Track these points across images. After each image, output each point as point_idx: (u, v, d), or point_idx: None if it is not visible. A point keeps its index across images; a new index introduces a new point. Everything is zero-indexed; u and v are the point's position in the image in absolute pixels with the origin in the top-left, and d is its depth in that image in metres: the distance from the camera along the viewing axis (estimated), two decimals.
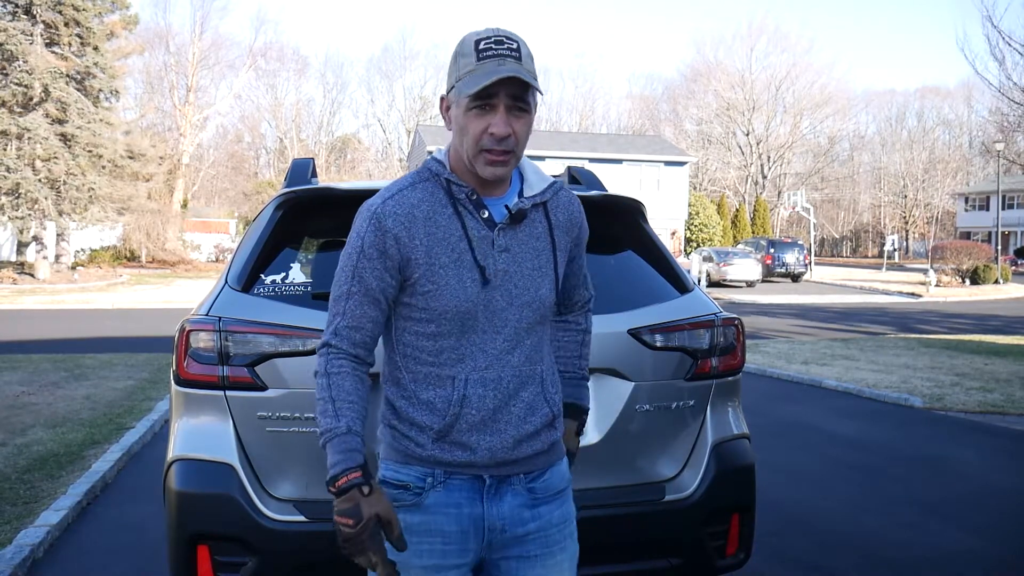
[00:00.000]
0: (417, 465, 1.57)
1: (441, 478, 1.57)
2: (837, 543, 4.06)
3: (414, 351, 1.57)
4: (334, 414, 1.49)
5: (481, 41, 1.50)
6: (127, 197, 27.46)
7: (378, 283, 1.54)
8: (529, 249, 1.60)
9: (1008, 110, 25.04)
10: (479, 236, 1.55)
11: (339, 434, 1.47)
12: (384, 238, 1.53)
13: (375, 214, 1.54)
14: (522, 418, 1.58)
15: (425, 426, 1.55)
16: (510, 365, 1.58)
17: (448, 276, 1.53)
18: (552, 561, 1.63)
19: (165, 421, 6.42)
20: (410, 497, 1.56)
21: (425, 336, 1.56)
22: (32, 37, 24.24)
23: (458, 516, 1.56)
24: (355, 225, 1.58)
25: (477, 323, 1.55)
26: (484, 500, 1.58)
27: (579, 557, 1.72)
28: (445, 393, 1.55)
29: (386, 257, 1.53)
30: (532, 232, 1.62)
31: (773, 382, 9.10)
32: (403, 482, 1.57)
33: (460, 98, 1.51)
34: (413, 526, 1.55)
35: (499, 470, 1.58)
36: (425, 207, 1.55)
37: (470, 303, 1.53)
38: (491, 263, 1.55)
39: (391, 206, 1.54)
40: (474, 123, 1.51)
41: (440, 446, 1.56)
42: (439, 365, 1.56)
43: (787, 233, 58.59)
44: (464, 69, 1.51)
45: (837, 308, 20.82)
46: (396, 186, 1.59)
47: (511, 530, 1.59)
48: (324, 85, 66.87)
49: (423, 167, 1.62)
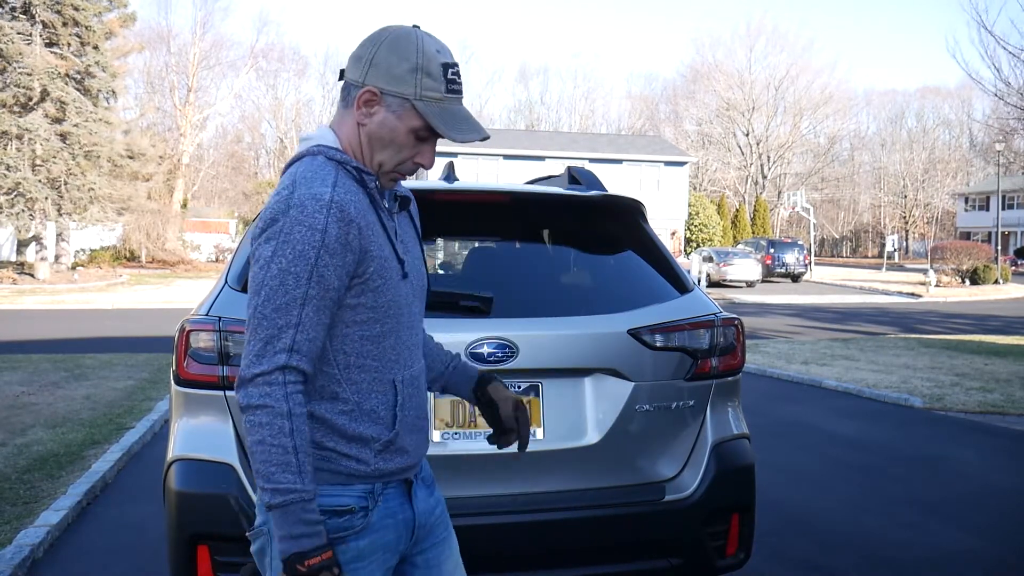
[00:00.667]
0: (358, 484, 1.46)
1: (380, 491, 1.48)
2: (837, 543, 4.06)
3: (359, 358, 1.45)
4: (297, 470, 1.32)
5: (448, 68, 1.44)
6: (127, 197, 27.46)
7: (339, 282, 1.39)
8: (410, 237, 1.60)
9: (1006, 112, 25.05)
10: (389, 227, 1.50)
11: (305, 499, 1.33)
12: (349, 228, 1.38)
13: (333, 202, 1.37)
14: (426, 409, 1.59)
15: (371, 439, 1.45)
16: (418, 358, 1.57)
17: (391, 269, 1.46)
18: (452, 539, 1.66)
19: (165, 421, 6.42)
20: (359, 521, 1.45)
21: (371, 339, 1.45)
22: (31, 37, 24.23)
23: (395, 524, 1.51)
24: (298, 219, 1.36)
25: (403, 318, 1.50)
26: (411, 501, 1.56)
27: (579, 557, 1.73)
28: (387, 399, 1.47)
29: (350, 251, 1.39)
30: (405, 220, 1.60)
31: (773, 382, 9.10)
32: (346, 506, 1.44)
33: (410, 115, 1.44)
34: (363, 550, 1.45)
35: (416, 468, 1.58)
36: (361, 196, 1.45)
37: (401, 297, 1.49)
38: (403, 254, 1.52)
39: (342, 193, 1.40)
40: (409, 147, 1.47)
41: (383, 457, 1.47)
42: (382, 370, 1.47)
43: (787, 233, 58.59)
44: (429, 92, 1.43)
45: (837, 308, 20.82)
46: (327, 174, 1.42)
47: (427, 522, 1.60)
48: (324, 85, 66.87)
49: (324, 156, 1.46)
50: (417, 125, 1.44)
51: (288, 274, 1.35)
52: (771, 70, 62.59)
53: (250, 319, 1.39)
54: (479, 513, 2.35)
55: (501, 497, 2.42)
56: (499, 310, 2.44)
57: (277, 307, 1.35)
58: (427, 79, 1.43)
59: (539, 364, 2.44)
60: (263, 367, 1.35)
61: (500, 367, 2.38)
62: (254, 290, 1.38)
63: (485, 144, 40.44)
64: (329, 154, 1.47)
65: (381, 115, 1.45)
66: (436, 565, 1.61)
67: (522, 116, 70.84)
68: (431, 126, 1.44)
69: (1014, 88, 20.71)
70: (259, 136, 63.64)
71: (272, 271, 1.36)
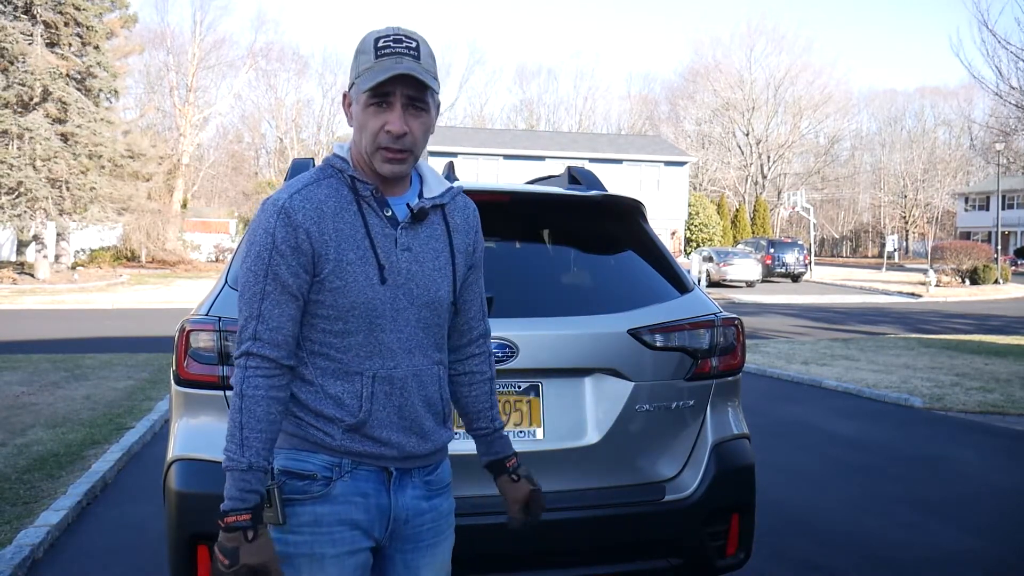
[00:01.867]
0: (324, 454, 1.56)
1: (348, 467, 1.56)
2: (837, 543, 4.06)
3: (321, 347, 1.56)
4: (240, 443, 1.47)
5: (380, 39, 1.52)
6: (127, 197, 27.45)
7: (294, 279, 1.51)
8: (429, 250, 1.62)
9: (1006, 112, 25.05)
10: (382, 234, 1.56)
11: (240, 469, 1.46)
12: (296, 232, 1.50)
13: (283, 209, 1.51)
14: (424, 416, 1.62)
15: (335, 419, 1.55)
16: (412, 364, 1.60)
17: (356, 273, 1.53)
18: (439, 549, 1.69)
19: (165, 421, 6.42)
20: (318, 488, 1.55)
21: (332, 334, 1.55)
22: (32, 37, 24.23)
23: (366, 506, 1.57)
24: (259, 221, 1.54)
25: (384, 321, 1.56)
26: (391, 491, 1.60)
27: (579, 557, 1.74)
28: (353, 388, 1.55)
29: (299, 252, 1.50)
30: (432, 233, 1.63)
31: (773, 382, 9.10)
32: (308, 471, 1.55)
33: (359, 94, 1.53)
34: (323, 516, 1.55)
35: (404, 463, 1.61)
36: (332, 203, 1.54)
37: (376, 301, 1.54)
38: (392, 261, 1.56)
39: (298, 201, 1.52)
40: (372, 120, 1.52)
41: (350, 437, 1.55)
42: (346, 362, 1.56)
43: (787, 233, 58.60)
44: (363, 66, 1.52)
45: (837, 308, 20.82)
46: (300, 182, 1.57)
47: (412, 521, 1.63)
48: (324, 85, 66.86)
49: (325, 164, 1.61)
50: (364, 98, 1.52)
51: (251, 272, 1.53)
52: (771, 70, 62.63)
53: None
54: (479, 513, 2.35)
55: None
56: (499, 310, 2.43)
57: (245, 301, 1.53)
58: (362, 56, 1.53)
59: (539, 364, 2.44)
60: (236, 353, 1.53)
61: (500, 367, 2.38)
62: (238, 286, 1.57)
63: (485, 144, 40.46)
64: (331, 161, 1.60)
65: (353, 108, 1.57)
66: (414, 568, 1.65)
67: (522, 116, 70.86)
68: (367, 90, 1.50)
69: (1016, 88, 20.69)
70: (259, 136, 63.62)
71: (243, 269, 1.54)
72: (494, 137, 43.06)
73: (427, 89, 1.53)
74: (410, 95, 1.51)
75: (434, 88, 1.54)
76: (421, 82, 1.51)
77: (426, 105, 1.54)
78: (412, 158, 1.56)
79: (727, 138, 63.11)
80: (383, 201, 1.57)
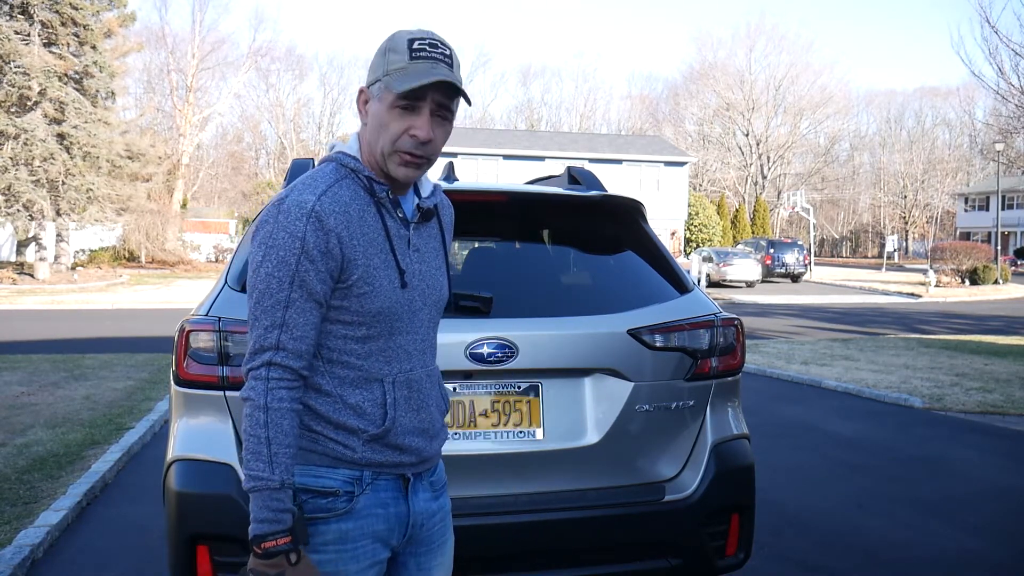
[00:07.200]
0: (344, 468, 1.51)
1: (369, 479, 1.53)
2: (837, 543, 4.06)
3: (340, 355, 1.50)
4: (268, 460, 1.39)
5: (416, 41, 1.48)
6: (126, 197, 27.45)
7: (321, 287, 1.44)
8: (431, 248, 1.63)
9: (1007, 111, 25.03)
10: (398, 236, 1.54)
11: (271, 488, 1.39)
12: (328, 237, 1.43)
13: (313, 212, 1.43)
14: (435, 416, 1.62)
15: (357, 430, 1.50)
16: (425, 365, 1.60)
17: (381, 278, 1.50)
18: (446, 547, 1.69)
19: (165, 421, 6.42)
20: (343, 504, 1.50)
21: (354, 340, 1.50)
22: (29, 37, 24.21)
23: (386, 516, 1.55)
24: (279, 224, 1.44)
25: (401, 324, 1.54)
26: (408, 498, 1.58)
27: (579, 557, 1.74)
28: (373, 396, 1.51)
29: (329, 258, 1.44)
30: (430, 232, 1.64)
31: (773, 382, 9.10)
32: (331, 488, 1.50)
33: (385, 93, 1.48)
34: (349, 532, 1.51)
35: (419, 467, 1.60)
36: (356, 205, 1.49)
37: (398, 304, 1.52)
38: (408, 263, 1.55)
39: (328, 203, 1.45)
40: (396, 122, 1.48)
41: (372, 448, 1.52)
42: (367, 369, 1.51)
43: (787, 233, 58.65)
44: (394, 65, 1.47)
45: (837, 308, 20.82)
46: (322, 182, 1.49)
47: (426, 524, 1.62)
48: (324, 85, 66.92)
49: (336, 163, 1.54)
50: (391, 98, 1.47)
51: (273, 278, 1.43)
52: (771, 70, 62.70)
53: (248, 320, 1.48)
54: (479, 513, 2.35)
55: (501, 497, 2.42)
56: (499, 310, 2.44)
57: (265, 309, 1.44)
58: (392, 55, 1.48)
59: (539, 364, 2.44)
60: (252, 363, 1.44)
61: (500, 367, 2.38)
62: (249, 292, 1.48)
63: (485, 144, 40.45)
64: (343, 161, 1.54)
65: (372, 107, 1.52)
66: (427, 570, 1.65)
67: (523, 116, 70.84)
68: (400, 92, 1.45)
69: (1016, 87, 20.68)
70: (259, 136, 63.67)
71: (261, 275, 1.44)
72: (494, 137, 43.06)
73: (456, 97, 1.51)
74: (441, 102, 1.49)
75: (466, 97, 1.52)
76: (453, 90, 1.48)
77: (452, 114, 1.53)
78: (427, 165, 1.53)
79: (727, 138, 63.13)
80: (396, 202, 1.55)
